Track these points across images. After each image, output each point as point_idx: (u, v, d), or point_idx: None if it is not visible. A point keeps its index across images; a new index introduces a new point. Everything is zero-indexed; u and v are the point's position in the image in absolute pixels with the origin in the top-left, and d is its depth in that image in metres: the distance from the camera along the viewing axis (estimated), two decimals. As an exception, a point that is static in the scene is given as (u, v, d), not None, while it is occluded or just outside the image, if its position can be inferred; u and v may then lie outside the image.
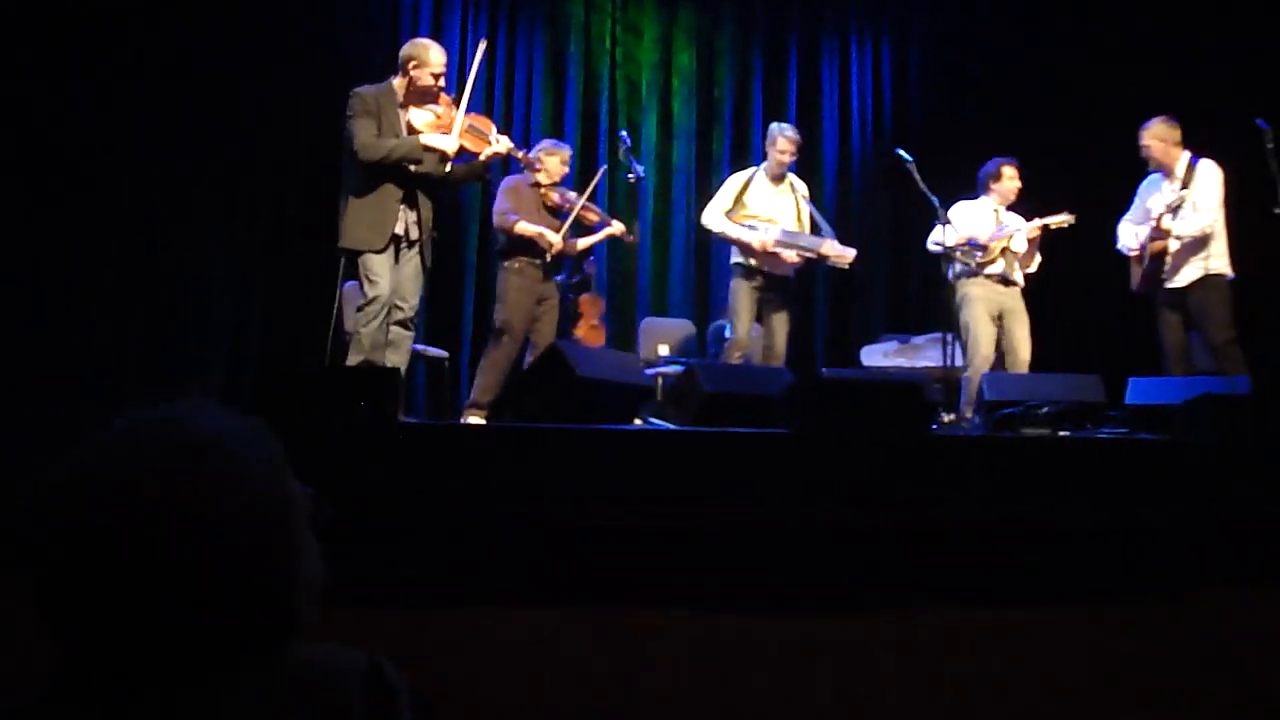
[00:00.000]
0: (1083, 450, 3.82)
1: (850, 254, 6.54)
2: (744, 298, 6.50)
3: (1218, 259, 6.02)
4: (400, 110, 5.23)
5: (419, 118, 5.24)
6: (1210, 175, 6.09)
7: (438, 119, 5.28)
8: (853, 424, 3.53)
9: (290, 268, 7.36)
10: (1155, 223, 6.10)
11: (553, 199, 6.41)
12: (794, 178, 6.79)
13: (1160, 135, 6.17)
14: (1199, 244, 6.03)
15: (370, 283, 5.10)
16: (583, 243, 6.58)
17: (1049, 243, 6.51)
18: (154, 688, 0.99)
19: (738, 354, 6.46)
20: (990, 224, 6.51)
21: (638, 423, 4.61)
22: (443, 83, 5.31)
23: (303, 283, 7.05)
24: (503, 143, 5.46)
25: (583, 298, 7.46)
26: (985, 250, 6.37)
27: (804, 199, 6.75)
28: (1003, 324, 6.40)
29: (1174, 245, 6.07)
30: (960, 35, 8.82)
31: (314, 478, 1.13)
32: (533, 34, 8.55)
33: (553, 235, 6.23)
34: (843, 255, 6.53)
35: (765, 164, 6.75)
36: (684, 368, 5.33)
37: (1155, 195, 6.23)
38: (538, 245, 6.22)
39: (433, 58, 5.23)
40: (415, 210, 5.23)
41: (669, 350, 7.50)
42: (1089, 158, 7.75)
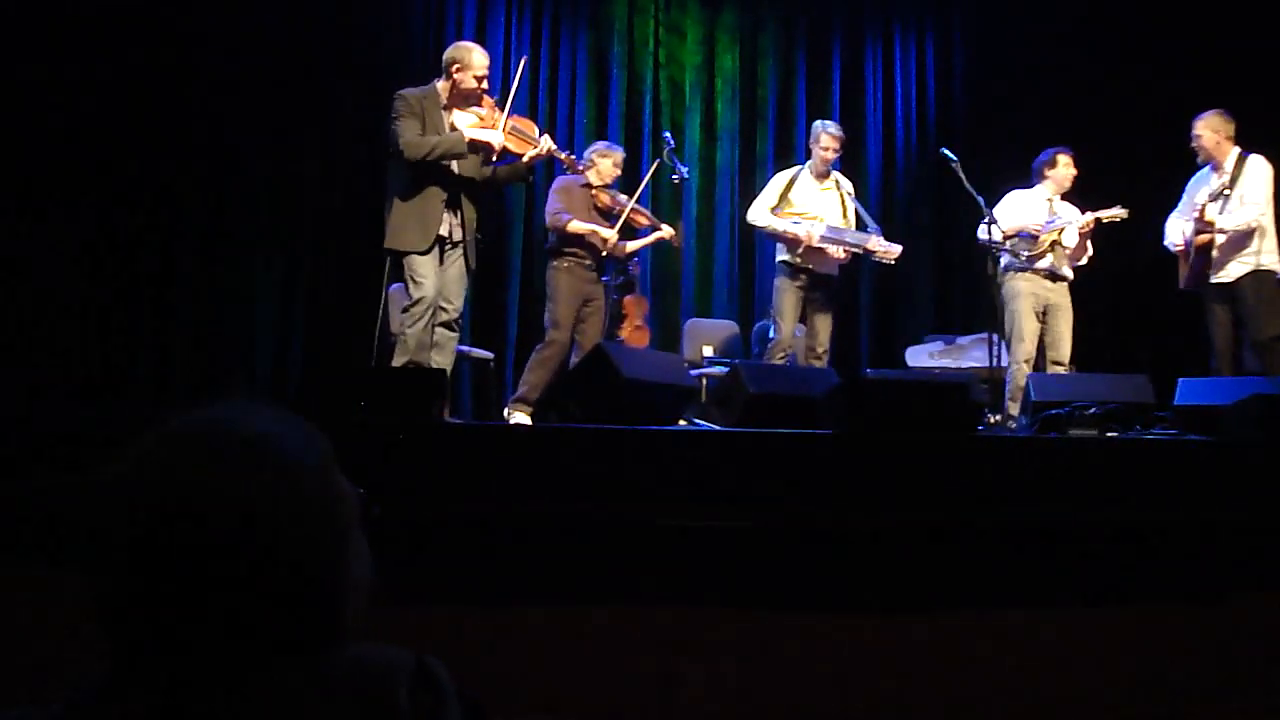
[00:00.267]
0: (1131, 451, 3.78)
1: (896, 249, 6.50)
2: (788, 298, 6.49)
3: (1266, 255, 5.93)
4: (444, 112, 5.25)
5: (462, 120, 5.26)
6: (1260, 170, 6.00)
7: (481, 121, 5.30)
8: (897, 425, 3.52)
9: (336, 269, 7.43)
10: (1199, 213, 6.02)
11: (604, 200, 6.42)
12: (839, 175, 6.77)
13: (1214, 127, 6.09)
14: (1246, 239, 5.94)
15: (415, 284, 5.13)
16: (631, 245, 6.59)
17: (1098, 239, 6.44)
18: (205, 686, 1.00)
19: (781, 354, 6.45)
20: (1043, 214, 6.43)
21: (682, 424, 4.61)
22: (486, 85, 5.32)
23: (348, 284, 7.11)
24: (545, 144, 5.47)
25: (627, 299, 7.46)
26: (1035, 242, 6.31)
27: (849, 196, 6.73)
28: (1047, 320, 6.34)
29: (1220, 239, 6.00)
30: (1004, 32, 8.74)
31: (360, 478, 1.14)
32: (576, 36, 8.57)
33: (606, 231, 6.24)
34: (889, 251, 6.49)
35: (810, 162, 6.73)
36: (728, 368, 5.33)
37: (1203, 190, 6.16)
38: (587, 245, 6.24)
39: (476, 60, 5.25)
40: (459, 212, 5.26)
41: (713, 351, 7.49)
42: (1136, 155, 7.65)
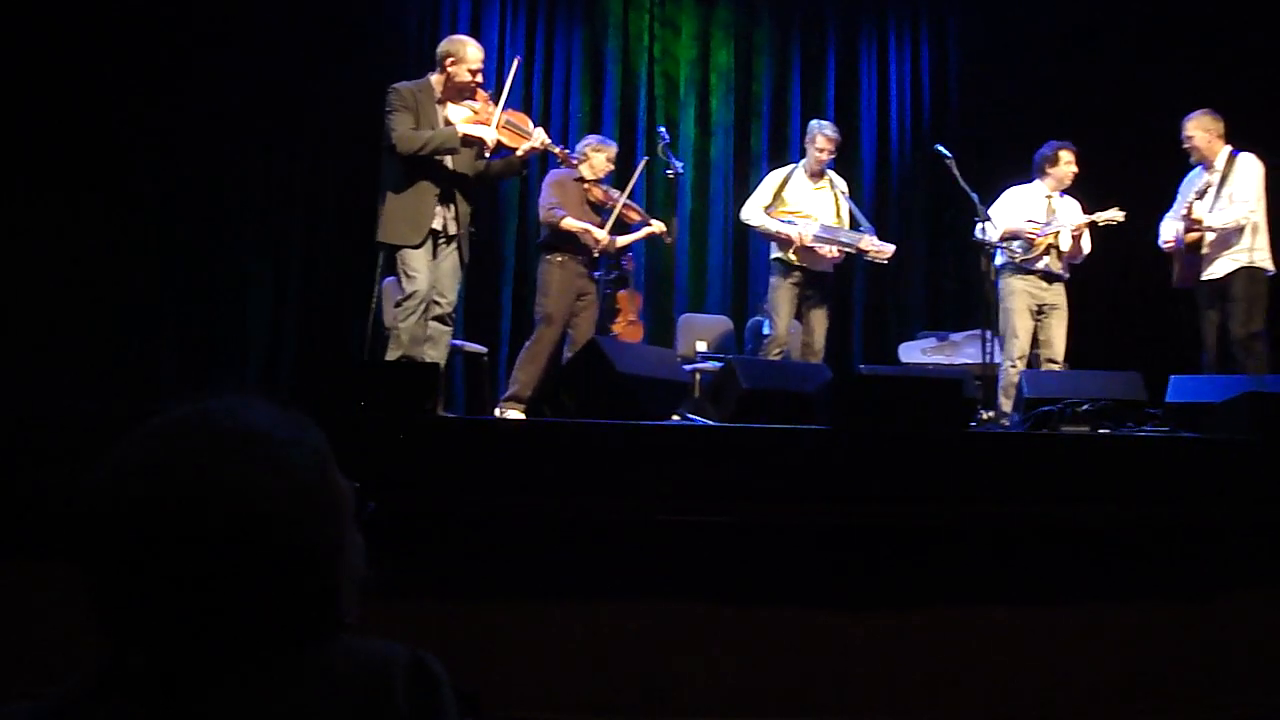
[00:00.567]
0: (1123, 448, 3.79)
1: (889, 249, 6.51)
2: (783, 294, 6.49)
3: (1258, 252, 5.94)
4: (438, 106, 5.24)
5: (457, 114, 5.26)
6: (1249, 168, 6.02)
7: (475, 115, 5.29)
8: (891, 421, 3.52)
9: (329, 263, 7.42)
10: (1186, 210, 6.04)
11: (596, 195, 6.42)
12: (833, 174, 6.77)
13: (1204, 126, 6.10)
14: (1235, 236, 5.96)
15: (408, 278, 5.12)
16: (622, 240, 6.58)
17: (1095, 237, 6.43)
18: (200, 679, 1.00)
19: (776, 350, 6.45)
20: (1041, 210, 6.43)
21: (675, 419, 4.62)
22: (480, 79, 5.31)
23: (341, 278, 7.11)
24: (539, 137, 5.46)
25: (621, 294, 7.45)
26: (1031, 244, 6.32)
27: (842, 195, 6.73)
28: (1041, 319, 6.35)
29: (1210, 237, 6.01)
30: (998, 28, 8.75)
31: (353, 472, 1.14)
32: (570, 30, 8.56)
33: (599, 232, 6.25)
34: (881, 250, 6.50)
35: (804, 161, 6.73)
36: (722, 364, 5.33)
37: (1195, 189, 6.17)
38: (581, 240, 6.24)
39: (470, 54, 5.24)
40: (453, 206, 5.25)
41: (707, 346, 7.49)
42: (1130, 152, 7.66)
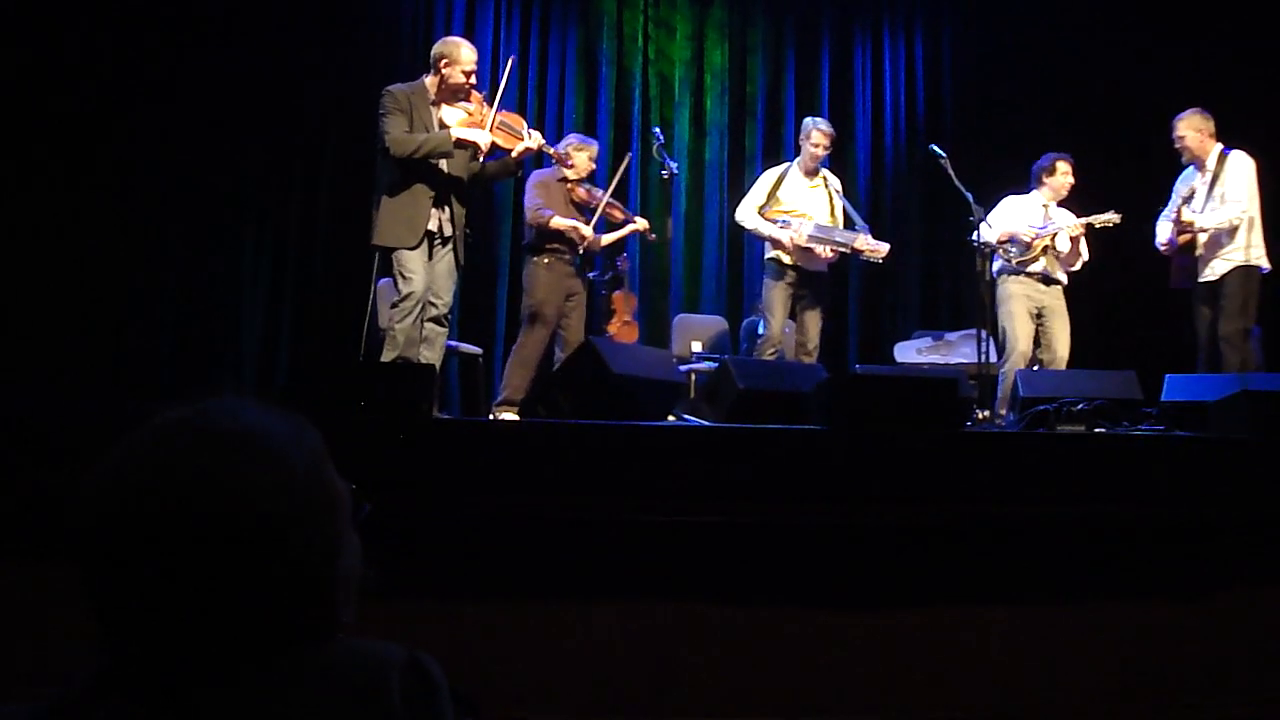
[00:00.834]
0: (1119, 447, 3.79)
1: (884, 248, 6.51)
2: (778, 294, 6.49)
3: (1251, 250, 5.94)
4: (432, 108, 5.25)
5: (451, 115, 5.26)
6: (1240, 166, 6.02)
7: (470, 116, 5.29)
8: (886, 421, 3.52)
9: (324, 265, 7.41)
10: (1175, 214, 6.04)
11: (580, 195, 6.40)
12: (827, 172, 6.77)
13: (1196, 126, 6.11)
14: (1229, 236, 5.96)
15: (404, 279, 5.12)
16: (606, 239, 6.54)
17: (1091, 239, 6.44)
18: (197, 679, 1.00)
19: (771, 350, 6.45)
20: (1038, 219, 6.45)
21: (671, 419, 4.61)
22: (474, 80, 5.31)
23: (337, 280, 7.10)
24: (534, 138, 5.46)
25: (616, 294, 7.45)
26: (1028, 248, 6.32)
27: (837, 193, 6.73)
28: (1041, 322, 6.35)
29: (1203, 238, 6.01)
30: (993, 28, 8.76)
31: (349, 473, 1.14)
32: (565, 31, 8.56)
33: (586, 228, 6.24)
34: (876, 249, 6.49)
35: (799, 158, 6.73)
36: (717, 364, 5.32)
37: (1188, 189, 6.18)
38: (567, 240, 6.23)
39: (464, 55, 5.24)
40: (448, 207, 5.25)
41: (702, 347, 7.49)
42: (1127, 152, 7.67)
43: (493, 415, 6.11)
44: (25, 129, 6.51)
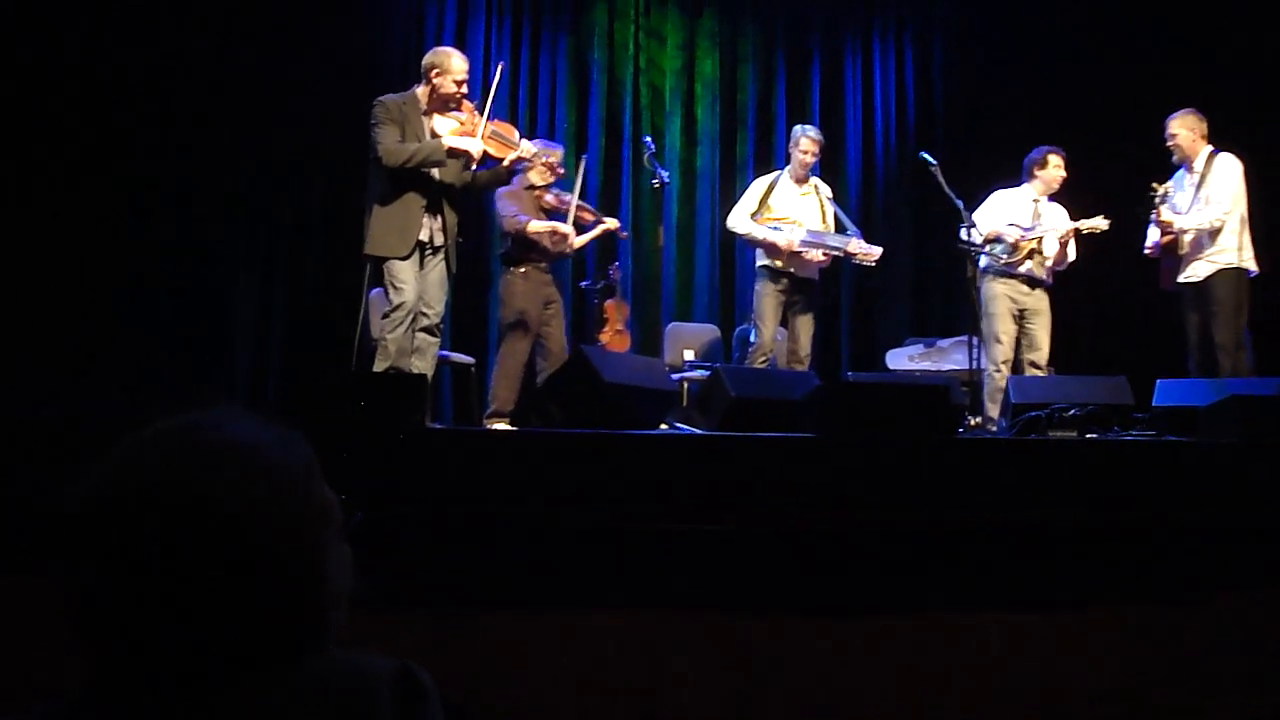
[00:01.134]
0: (1110, 453, 3.80)
1: (876, 252, 6.51)
2: (769, 301, 6.50)
3: (1232, 252, 5.94)
4: (424, 118, 5.25)
5: (443, 125, 5.26)
6: (1226, 168, 6.03)
7: (461, 126, 5.30)
8: (878, 428, 3.52)
9: (316, 275, 7.41)
10: (1156, 215, 6.06)
11: (548, 201, 6.38)
12: (817, 180, 6.79)
13: (1188, 125, 6.12)
14: (1211, 238, 5.97)
15: (395, 289, 5.12)
16: (579, 241, 6.48)
17: (1080, 243, 6.44)
18: (185, 693, 1.00)
19: (762, 358, 6.45)
20: (1027, 215, 6.45)
21: (663, 428, 4.61)
22: (466, 90, 5.31)
23: (328, 290, 7.10)
24: (526, 147, 5.48)
25: (608, 303, 7.46)
26: (1014, 249, 6.33)
27: (828, 200, 6.75)
28: (1024, 324, 6.36)
29: (1188, 239, 6.03)
30: (983, 35, 8.80)
31: (341, 484, 1.14)
32: (556, 41, 8.58)
33: (565, 226, 6.19)
34: (869, 253, 6.50)
35: (789, 166, 6.75)
36: (709, 372, 5.33)
37: (1180, 190, 6.19)
38: (542, 248, 6.21)
39: (455, 65, 5.25)
40: (440, 217, 5.25)
41: (694, 355, 7.49)
42: (1117, 157, 7.68)
43: (485, 426, 6.10)
44: (13, 135, 6.49)
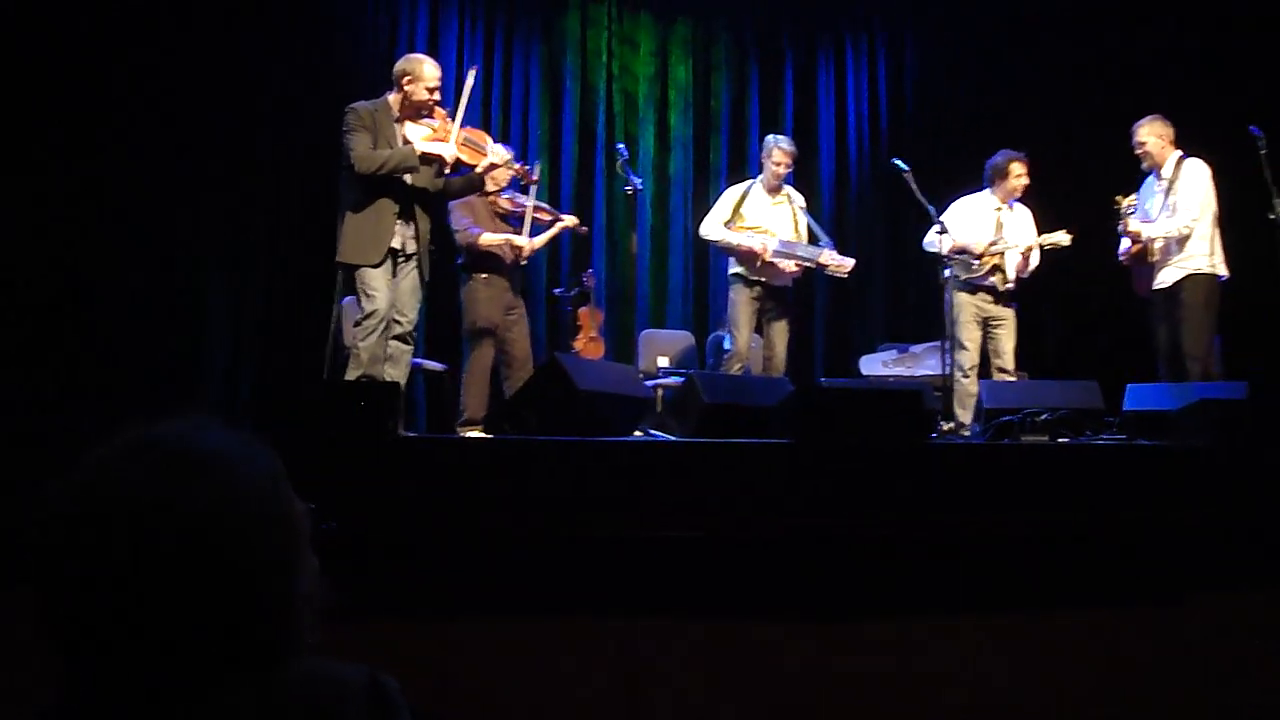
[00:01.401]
0: (1081, 457, 3.82)
1: (849, 263, 6.54)
2: (743, 308, 6.51)
3: (1202, 258, 5.97)
4: (396, 125, 5.24)
5: (415, 132, 5.25)
6: (1195, 175, 6.06)
7: (434, 133, 5.29)
8: (852, 433, 3.53)
9: (288, 283, 7.37)
10: (1123, 224, 6.10)
11: (503, 205, 6.36)
12: (790, 189, 6.81)
13: (1157, 132, 6.15)
14: (1179, 245, 6.01)
15: (368, 297, 5.10)
16: (538, 241, 6.44)
17: (1047, 249, 6.49)
18: (155, 704, 0.99)
19: (737, 365, 6.46)
20: (990, 223, 6.48)
21: (638, 434, 4.61)
22: (438, 97, 5.31)
23: (300, 298, 7.06)
24: (499, 154, 5.47)
25: (581, 310, 7.45)
26: (977, 261, 6.36)
27: (801, 210, 6.77)
28: (989, 331, 6.40)
29: (1157, 245, 6.07)
30: (954, 42, 8.85)
31: (314, 493, 1.13)
32: (529, 47, 8.58)
33: (519, 239, 6.18)
34: (841, 265, 6.53)
35: (762, 176, 6.77)
36: (683, 379, 5.33)
37: (1151, 197, 6.23)
38: (500, 255, 6.20)
39: (427, 72, 5.24)
40: (412, 224, 5.24)
41: (668, 362, 7.50)
42: (1089, 164, 7.73)
43: (459, 434, 6.08)
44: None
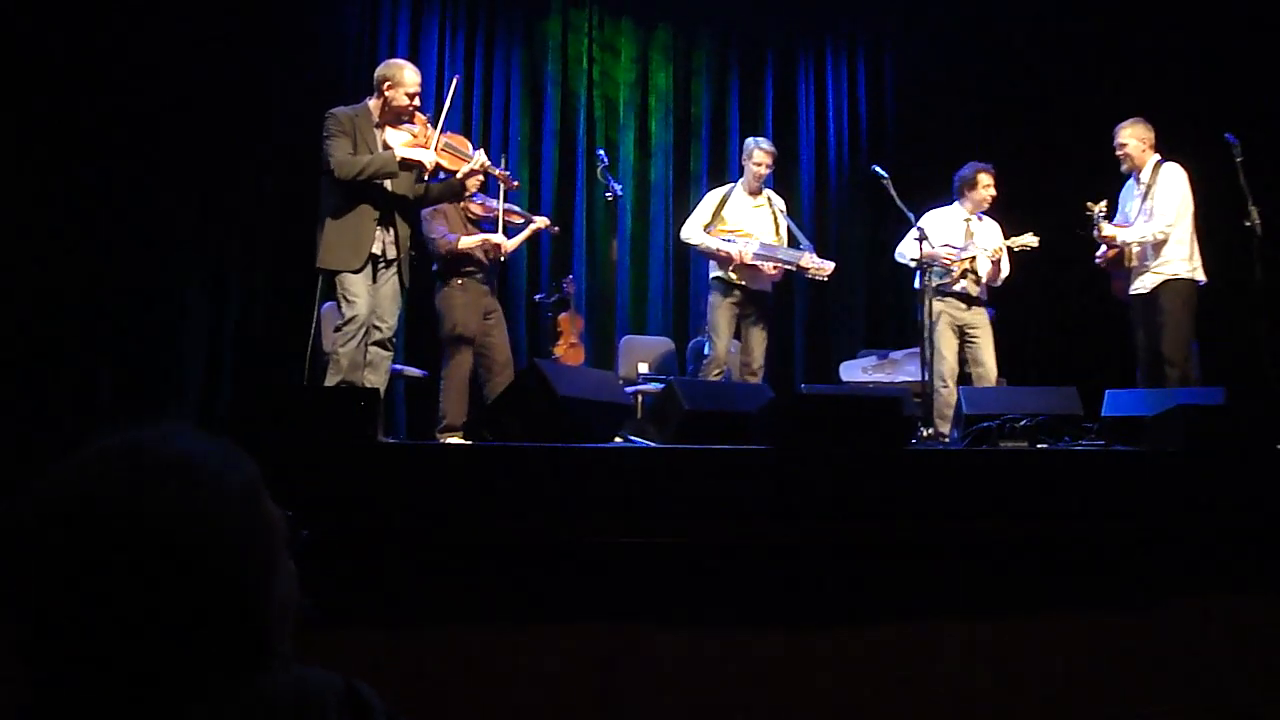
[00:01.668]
0: (1060, 462, 3.84)
1: (829, 266, 6.55)
2: (722, 314, 6.52)
3: (1180, 263, 6.01)
4: (376, 130, 5.23)
5: (395, 137, 5.24)
6: (1172, 180, 6.08)
7: (414, 138, 5.28)
8: (832, 440, 3.53)
9: (268, 288, 7.34)
10: (1097, 229, 6.12)
11: (475, 210, 6.36)
12: (770, 192, 6.82)
13: (1138, 135, 6.18)
14: (1155, 250, 6.04)
15: (348, 303, 5.09)
16: (510, 244, 6.43)
17: (1025, 255, 6.51)
18: (128, 713, 0.98)
19: (716, 371, 6.47)
20: (959, 234, 6.53)
21: (618, 441, 4.61)
22: (418, 102, 5.30)
23: (280, 303, 7.04)
24: (479, 159, 5.46)
25: (562, 316, 7.45)
26: (947, 270, 6.39)
27: (781, 213, 6.78)
28: (965, 339, 6.42)
29: (1135, 250, 6.10)
30: (934, 48, 8.89)
31: (294, 499, 1.13)
32: (510, 54, 8.57)
33: (497, 236, 6.19)
34: (821, 268, 6.54)
35: (742, 178, 6.78)
36: (663, 385, 5.33)
37: (1130, 200, 6.27)
38: (476, 259, 6.19)
39: (407, 78, 5.24)
40: (392, 230, 5.23)
41: (648, 368, 7.50)
42: (1069, 168, 7.77)
43: (439, 440, 6.07)
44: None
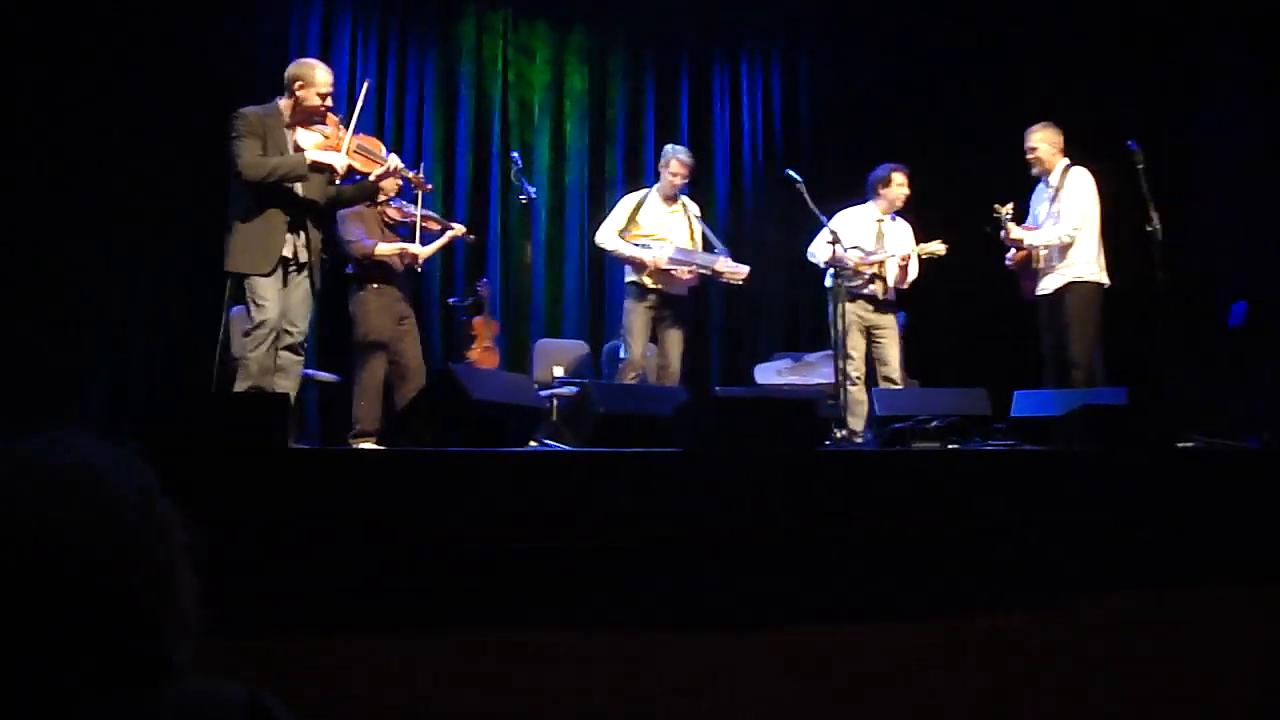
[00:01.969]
0: (970, 462, 3.90)
1: (744, 270, 6.60)
2: (638, 318, 6.53)
3: (1084, 266, 6.13)
4: (287, 131, 5.15)
5: (306, 138, 5.17)
6: (1079, 183, 6.21)
7: (326, 140, 5.21)
8: (745, 442, 3.55)
9: (176, 291, 7.21)
10: (1005, 231, 6.24)
11: (392, 214, 6.35)
12: (686, 199, 6.85)
13: (1048, 139, 6.31)
14: (1062, 253, 6.17)
15: (257, 306, 5.00)
16: (426, 250, 6.43)
17: (935, 259, 6.61)
18: (22, 727, 0.96)
19: (632, 374, 6.48)
20: (870, 235, 6.61)
21: (532, 444, 4.60)
22: (330, 102, 5.23)
23: (189, 307, 6.91)
24: (392, 162, 5.42)
25: (476, 320, 7.41)
26: (855, 274, 6.47)
27: (696, 218, 6.82)
28: (872, 340, 6.52)
29: (1042, 253, 6.22)
30: (848, 52, 8.99)
31: (202, 507, 1.10)
32: (423, 54, 8.51)
33: (414, 246, 6.21)
34: (736, 272, 6.59)
35: (658, 184, 6.81)
36: (578, 389, 5.33)
37: (1040, 203, 6.39)
38: (392, 266, 6.17)
39: (319, 77, 5.16)
40: (303, 233, 5.15)
41: (563, 371, 7.49)
42: (980, 172, 7.88)
43: (351, 447, 6.00)
44: None
